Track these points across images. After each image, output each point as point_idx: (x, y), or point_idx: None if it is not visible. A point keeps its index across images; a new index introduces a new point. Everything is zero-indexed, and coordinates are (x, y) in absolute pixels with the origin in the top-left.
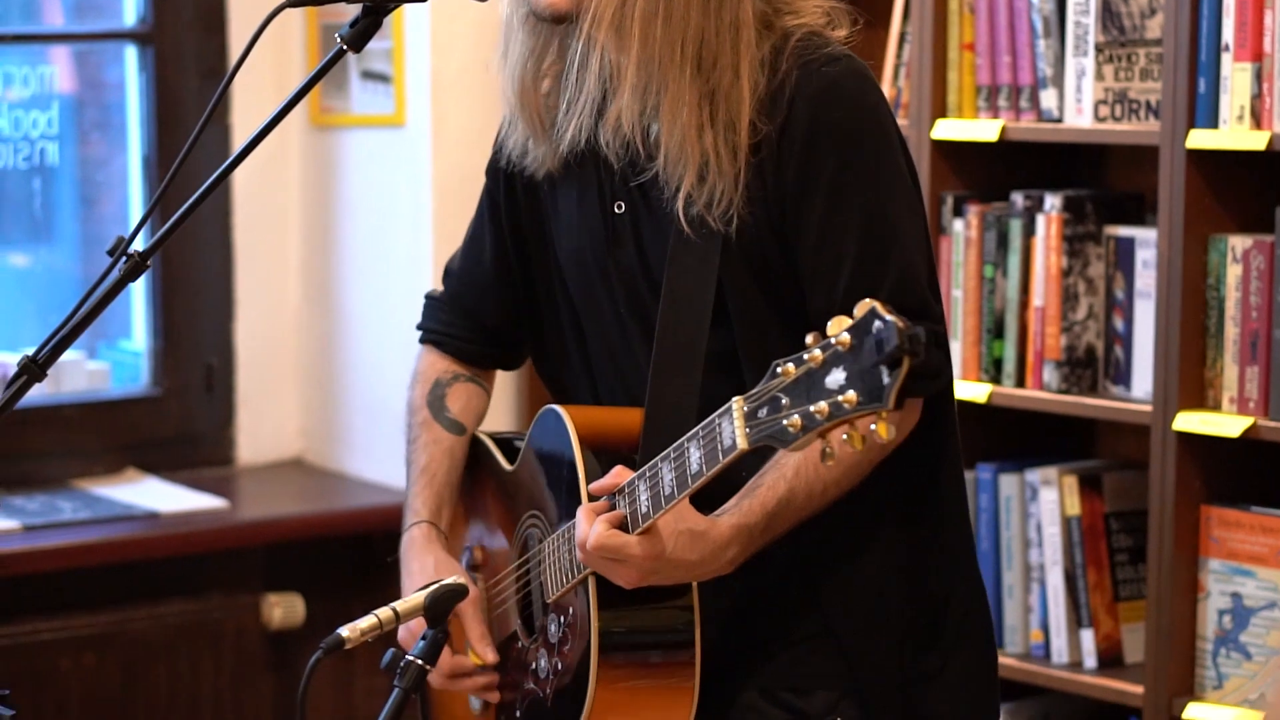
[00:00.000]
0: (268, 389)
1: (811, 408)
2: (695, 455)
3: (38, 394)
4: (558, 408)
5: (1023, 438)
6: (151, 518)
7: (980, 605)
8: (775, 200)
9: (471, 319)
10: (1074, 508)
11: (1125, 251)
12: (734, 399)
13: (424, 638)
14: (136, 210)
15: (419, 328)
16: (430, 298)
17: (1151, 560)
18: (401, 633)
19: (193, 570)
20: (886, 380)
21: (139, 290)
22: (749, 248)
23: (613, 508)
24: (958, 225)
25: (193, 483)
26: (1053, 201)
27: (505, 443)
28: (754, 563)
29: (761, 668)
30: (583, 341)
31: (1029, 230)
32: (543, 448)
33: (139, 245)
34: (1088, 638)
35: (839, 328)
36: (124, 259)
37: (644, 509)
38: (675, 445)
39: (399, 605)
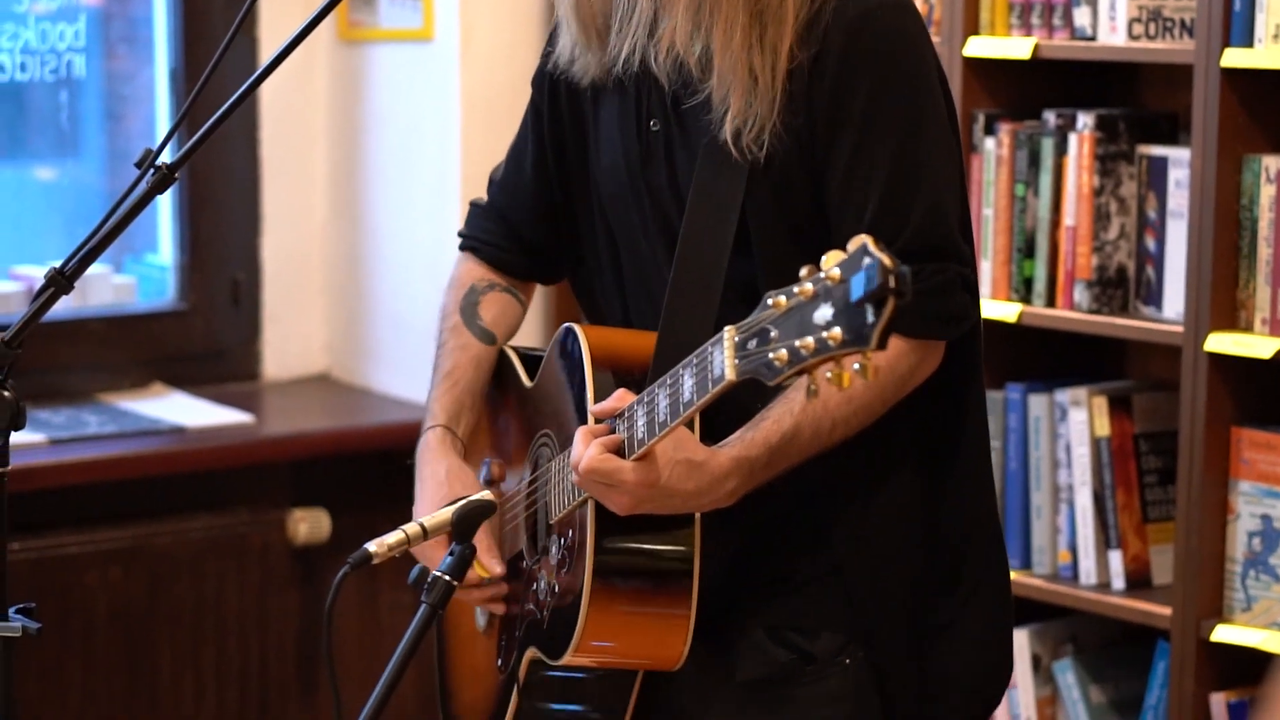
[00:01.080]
0: (294, 304)
1: (798, 342)
2: (688, 383)
3: (64, 307)
4: (575, 326)
5: (1052, 358)
6: (177, 432)
7: (999, 560)
8: (806, 129)
9: (510, 229)
10: (1103, 428)
11: (1158, 171)
12: (726, 328)
13: (451, 553)
14: (163, 124)
15: (460, 234)
16: (474, 204)
17: (1181, 482)
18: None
19: (219, 485)
20: (870, 319)
21: (166, 204)
22: (776, 176)
23: (612, 431)
24: (989, 144)
25: (219, 397)
26: (1085, 120)
27: (531, 359)
28: (764, 499)
29: (769, 607)
30: (617, 260)
31: (1061, 149)
32: (559, 366)
33: (166, 158)
34: (1116, 559)
35: (831, 262)
36: (151, 171)
37: (640, 435)
38: (671, 372)
39: (426, 521)
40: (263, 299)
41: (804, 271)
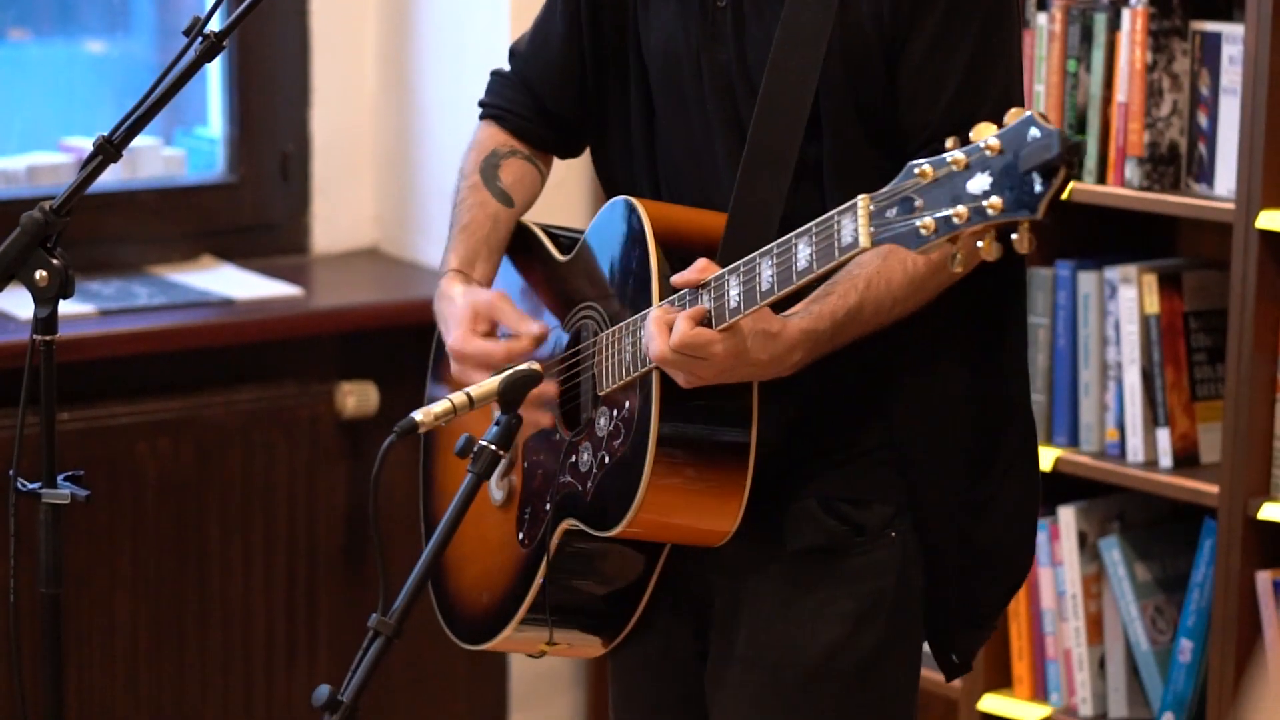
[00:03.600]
0: (343, 178)
1: (950, 211)
2: (804, 252)
3: (114, 179)
4: (632, 199)
5: (1102, 235)
6: (227, 304)
7: (1032, 440)
8: (890, 9)
9: (535, 99)
10: (1153, 306)
11: (1211, 47)
12: (859, 196)
13: (497, 423)
14: None
15: (481, 103)
16: (496, 74)
17: (1230, 360)
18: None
19: (267, 358)
20: (1039, 188)
21: (215, 77)
22: (853, 55)
23: (693, 302)
24: (1041, 19)
25: (268, 270)
26: None
27: (554, 235)
28: (823, 370)
29: (821, 477)
30: (651, 139)
31: (1114, 25)
32: (610, 239)
33: (215, 26)
34: (1164, 437)
35: (985, 133)
36: (200, 40)
37: (734, 304)
38: (779, 241)
39: (473, 390)
40: (312, 172)
41: (950, 143)
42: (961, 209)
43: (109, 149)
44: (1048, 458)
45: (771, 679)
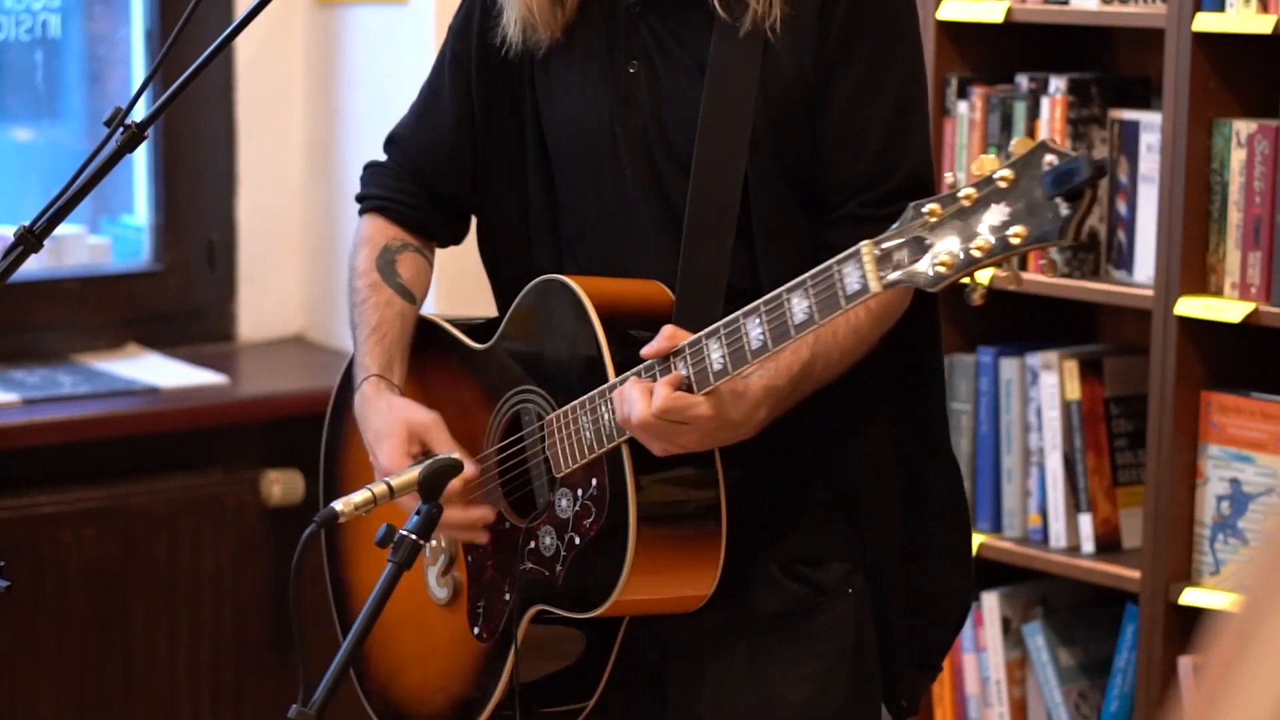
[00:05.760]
0: (270, 265)
1: (968, 245)
2: (800, 305)
3: (39, 267)
4: (560, 277)
5: (1024, 321)
6: (152, 393)
7: (958, 489)
8: (811, 68)
9: (424, 185)
10: (1074, 392)
11: (1129, 135)
12: (861, 243)
13: (418, 513)
14: (140, 84)
15: (360, 197)
16: (371, 165)
17: (1151, 445)
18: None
19: (193, 446)
20: (1065, 212)
21: (141, 165)
22: (777, 111)
23: (665, 371)
24: (962, 107)
25: (193, 358)
26: (1057, 84)
27: (459, 325)
28: (767, 432)
29: (779, 541)
30: (553, 212)
31: (1033, 113)
32: (542, 319)
33: (138, 116)
34: (1086, 522)
35: (991, 167)
36: (121, 129)
37: (718, 366)
38: (767, 299)
39: (393, 480)
40: (238, 260)
41: (951, 179)
42: (981, 241)
43: (30, 239)
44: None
45: None
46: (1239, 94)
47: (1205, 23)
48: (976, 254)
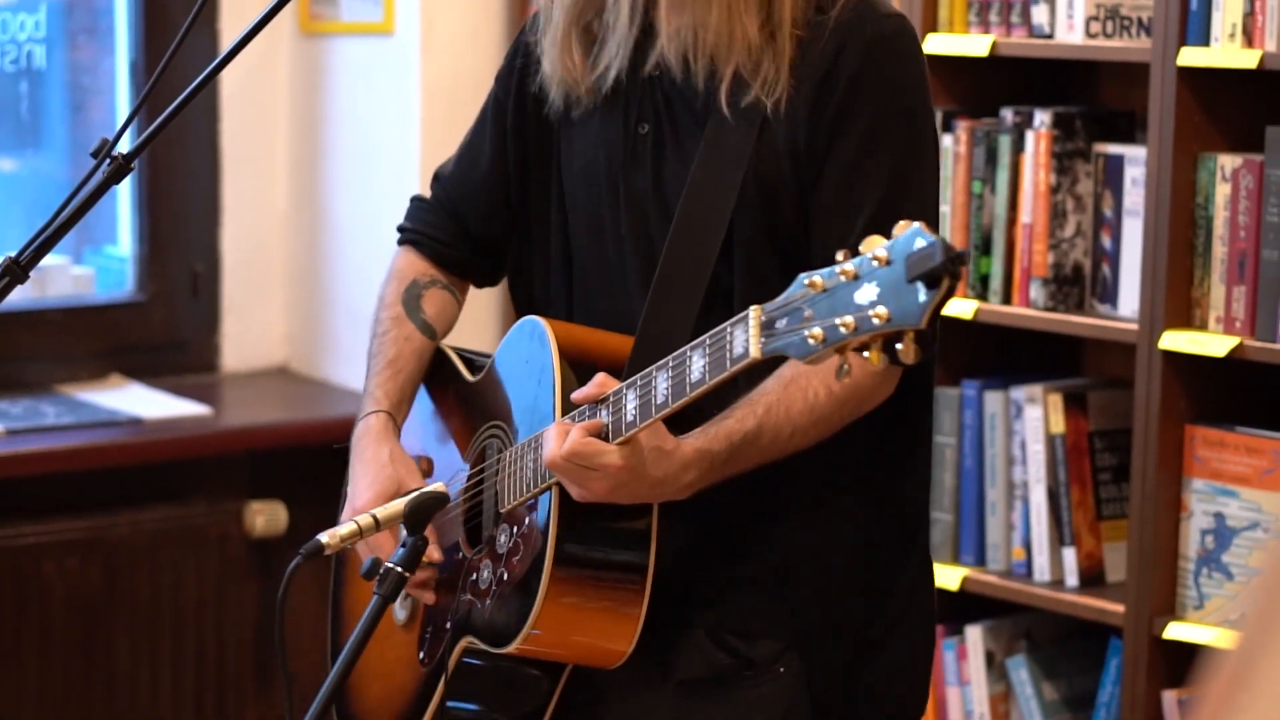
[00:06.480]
0: (253, 296)
1: (837, 320)
2: (698, 364)
3: (23, 298)
4: (539, 319)
5: (1008, 355)
6: (135, 423)
7: (928, 586)
8: (805, 139)
9: (459, 224)
10: (1058, 425)
11: (1114, 169)
12: (751, 308)
13: (403, 545)
14: (124, 115)
15: (400, 228)
16: (417, 200)
17: (1135, 479)
18: (361, 547)
19: (176, 477)
20: (923, 298)
21: (125, 195)
22: (768, 181)
23: (592, 417)
24: (947, 140)
25: (177, 389)
26: (1042, 118)
27: (465, 357)
28: (714, 502)
29: (710, 609)
30: (568, 264)
31: (1018, 146)
32: (516, 357)
33: (124, 147)
34: (1070, 556)
35: (874, 245)
36: (107, 161)
37: (630, 417)
38: (675, 354)
39: (379, 512)
40: (222, 291)
41: (841, 255)
42: (849, 319)
43: (15, 270)
44: (954, 577)
45: None
46: (1224, 128)
47: (1190, 57)
48: (843, 330)
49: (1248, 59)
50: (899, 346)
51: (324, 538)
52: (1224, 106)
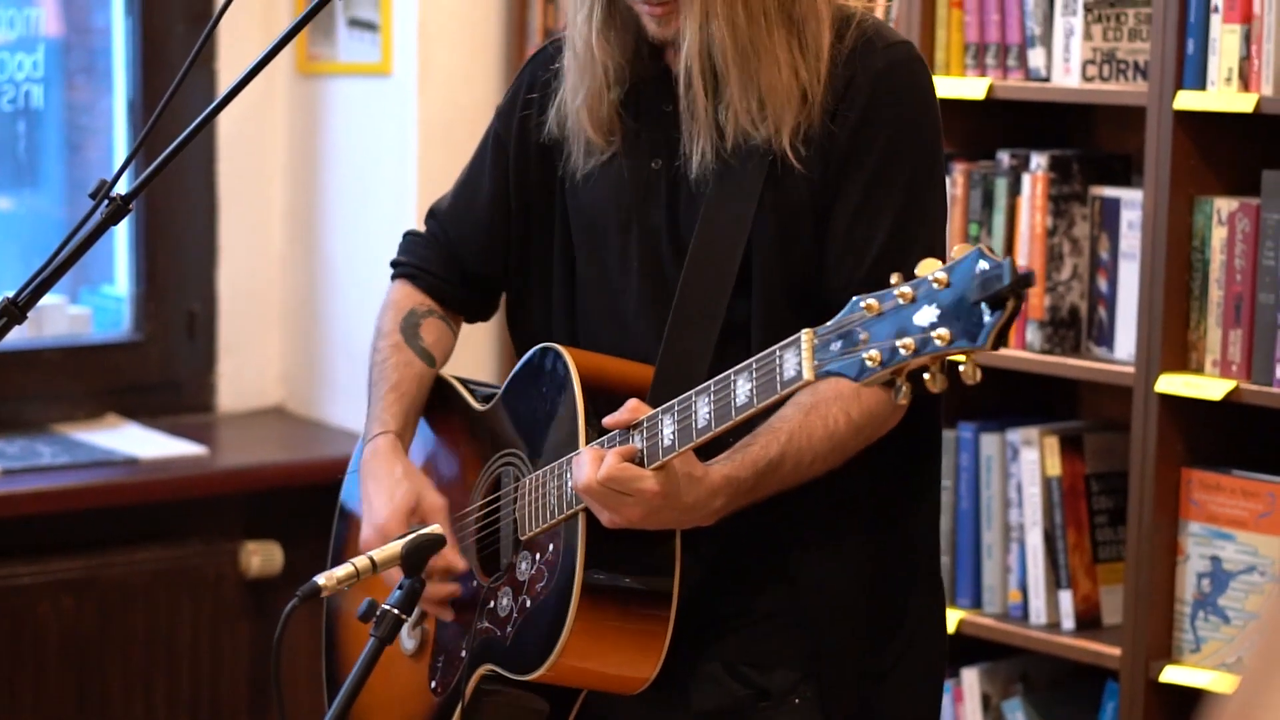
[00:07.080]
0: (250, 336)
1: (897, 343)
2: (744, 387)
3: (19, 337)
4: (556, 346)
5: (1004, 397)
6: (131, 463)
7: (939, 612)
8: (820, 169)
9: (454, 260)
10: (1055, 468)
11: (1110, 212)
12: (803, 331)
13: (400, 587)
14: (121, 155)
15: (394, 262)
16: (411, 234)
17: (1131, 522)
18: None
19: (172, 517)
20: (988, 319)
21: (122, 235)
22: (785, 212)
23: (624, 443)
24: None
25: (173, 429)
26: (1039, 161)
27: (469, 387)
28: (729, 534)
29: (726, 640)
30: (571, 297)
31: (1014, 189)
32: (533, 385)
33: (121, 188)
34: (1066, 599)
35: (932, 267)
36: (106, 202)
37: (668, 442)
38: (716, 379)
39: (376, 554)
40: (218, 331)
41: (895, 279)
42: (909, 340)
43: (13, 310)
44: (951, 620)
45: None
46: (1220, 172)
47: (1186, 101)
48: (903, 352)
49: (1244, 103)
50: (962, 368)
51: (320, 580)
52: (1220, 150)
